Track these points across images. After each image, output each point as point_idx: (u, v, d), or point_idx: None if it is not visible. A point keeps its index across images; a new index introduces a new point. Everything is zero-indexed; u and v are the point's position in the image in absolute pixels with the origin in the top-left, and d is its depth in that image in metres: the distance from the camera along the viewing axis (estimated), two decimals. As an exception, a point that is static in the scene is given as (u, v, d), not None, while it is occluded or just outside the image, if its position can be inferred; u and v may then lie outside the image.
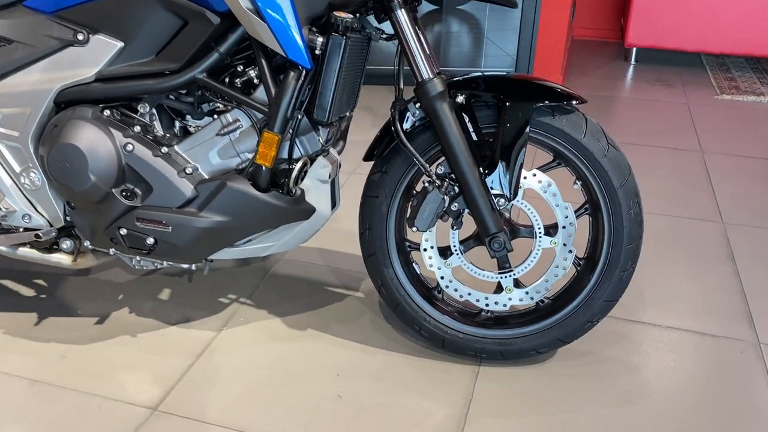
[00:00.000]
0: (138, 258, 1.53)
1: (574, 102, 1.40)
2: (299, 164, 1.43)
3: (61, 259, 1.58)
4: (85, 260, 1.59)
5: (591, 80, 4.04)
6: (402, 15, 1.36)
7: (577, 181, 1.48)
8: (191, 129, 1.51)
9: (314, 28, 1.36)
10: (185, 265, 1.54)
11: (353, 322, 1.76)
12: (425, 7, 4.50)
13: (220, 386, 1.53)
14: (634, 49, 4.31)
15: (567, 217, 1.47)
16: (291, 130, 1.41)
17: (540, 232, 1.49)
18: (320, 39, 1.33)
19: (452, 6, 4.39)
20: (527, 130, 1.39)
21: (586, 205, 1.51)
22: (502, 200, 1.43)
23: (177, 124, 1.53)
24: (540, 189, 1.46)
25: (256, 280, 1.94)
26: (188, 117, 1.50)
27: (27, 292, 1.87)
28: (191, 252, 1.46)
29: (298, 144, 1.44)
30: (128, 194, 1.44)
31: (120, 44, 1.39)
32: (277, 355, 1.63)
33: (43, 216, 1.52)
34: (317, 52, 1.34)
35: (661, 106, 3.59)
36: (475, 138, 1.42)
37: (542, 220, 1.49)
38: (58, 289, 1.88)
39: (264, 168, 1.40)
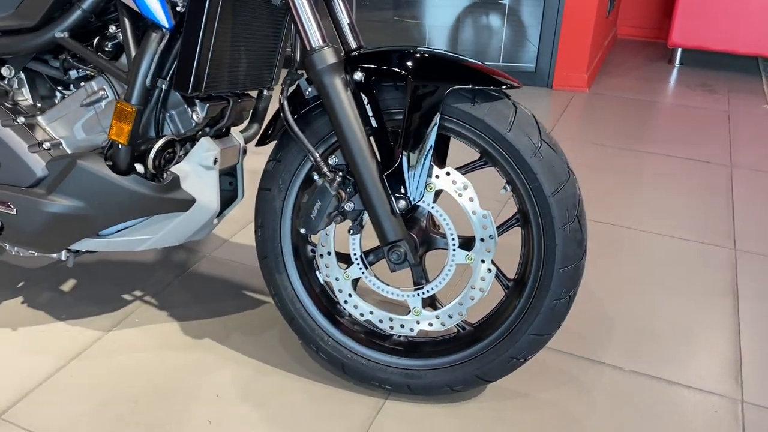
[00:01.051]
0: None
1: (502, 87, 1.12)
2: (160, 143, 1.20)
3: None
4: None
5: (626, 82, 3.66)
6: None
7: (506, 185, 1.20)
8: (63, 93, 1.31)
9: (180, -20, 1.13)
10: (52, 255, 1.34)
11: (259, 334, 1.52)
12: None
13: (80, 396, 1.32)
14: (679, 50, 3.91)
15: (486, 228, 1.19)
16: (157, 104, 1.19)
17: (454, 245, 1.21)
18: None
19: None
20: (436, 117, 1.12)
21: (517, 216, 1.22)
22: (403, 202, 1.16)
23: (56, 95, 1.34)
24: (454, 191, 1.18)
25: (170, 276, 1.73)
26: (61, 85, 1.31)
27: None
28: (43, 240, 1.26)
29: (168, 121, 1.22)
30: (-24, 168, 1.25)
31: (-24, -3, 1.21)
32: (159, 365, 1.41)
33: None
34: (180, 9, 1.12)
35: (699, 113, 3.20)
36: (375, 124, 1.16)
37: (457, 231, 1.22)
38: (-42, 270, 1.73)
39: (121, 146, 1.18)
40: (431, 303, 1.30)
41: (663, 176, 2.47)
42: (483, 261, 1.20)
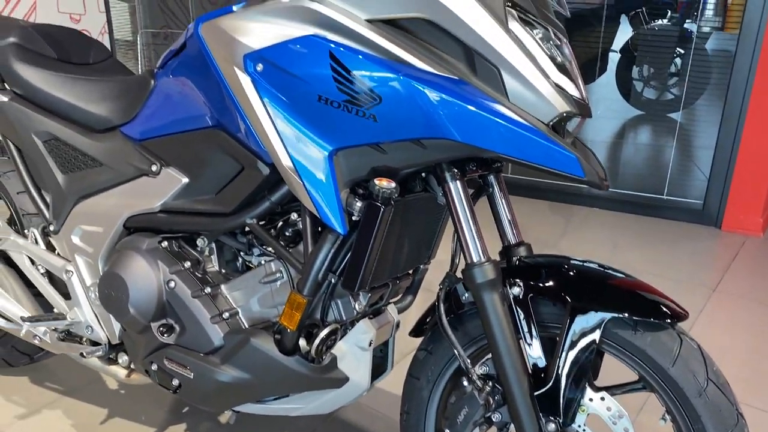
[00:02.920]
0: (175, 390, 1.50)
1: (667, 320, 1.09)
2: (326, 331, 1.29)
3: (117, 371, 1.60)
4: (139, 377, 1.59)
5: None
6: (455, 188, 1.18)
7: (665, 415, 1.14)
8: (251, 266, 1.46)
9: (359, 190, 1.23)
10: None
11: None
12: (603, 118, 4.15)
13: None
14: None
15: (640, 462, 1.13)
16: (325, 294, 1.28)
17: (604, 472, 1.16)
18: (358, 204, 1.20)
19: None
20: (594, 343, 1.11)
21: (677, 449, 1.15)
22: (552, 425, 1.14)
23: (239, 260, 1.49)
24: (608, 418, 1.14)
25: (316, 422, 1.81)
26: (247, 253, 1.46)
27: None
28: (212, 401, 1.38)
29: (332, 308, 1.31)
30: (165, 330, 1.41)
31: (186, 180, 1.40)
32: None
33: (103, 330, 1.56)
34: (355, 218, 1.21)
35: None
36: (530, 339, 1.17)
37: (609, 457, 1.17)
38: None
39: (289, 330, 1.29)
40: None
41: None
42: (635, 495, 1.14)
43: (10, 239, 1.66)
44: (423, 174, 1.26)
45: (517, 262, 1.23)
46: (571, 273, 1.16)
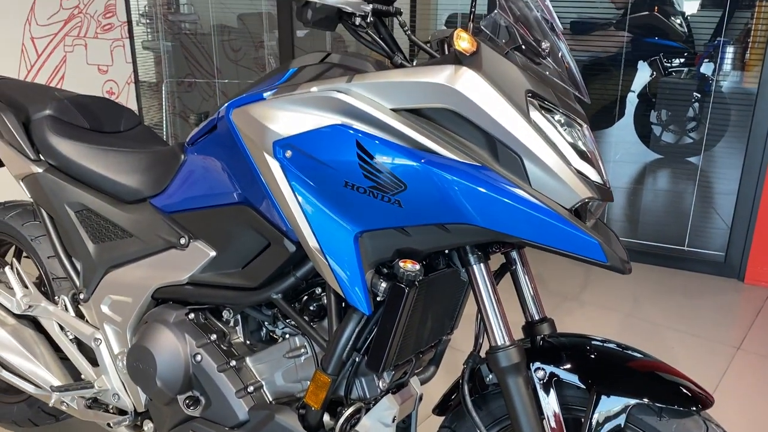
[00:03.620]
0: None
1: (692, 407, 1.08)
2: (350, 410, 1.30)
3: (143, 439, 1.61)
4: (163, 446, 1.61)
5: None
6: (478, 270, 1.20)
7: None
8: (275, 336, 1.48)
9: (384, 270, 1.25)
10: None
11: None
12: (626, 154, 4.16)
13: None
14: None
15: None
16: (349, 372, 1.30)
17: None
18: (383, 285, 1.22)
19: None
20: (620, 428, 1.11)
21: None
22: None
23: (263, 330, 1.51)
24: (634, 502, 1.14)
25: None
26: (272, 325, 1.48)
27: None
28: (236, 476, 1.39)
29: (356, 385, 1.32)
30: (191, 402, 1.43)
31: (213, 253, 1.43)
32: None
33: (130, 398, 1.58)
34: (379, 298, 1.23)
35: None
36: (554, 423, 1.17)
37: None
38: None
39: (313, 408, 1.30)
40: None
41: None
42: None
43: (41, 305, 1.70)
44: (446, 250, 1.28)
45: (541, 342, 1.24)
46: (594, 355, 1.16)
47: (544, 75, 1.15)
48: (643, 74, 3.93)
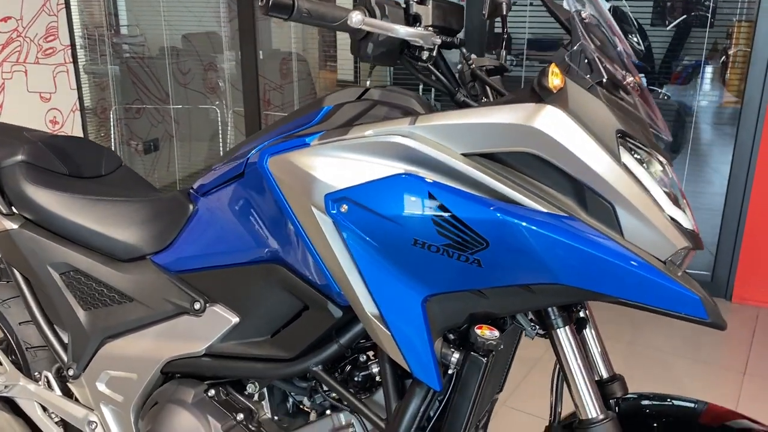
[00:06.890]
0: None
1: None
2: None
3: None
4: None
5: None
6: (564, 336, 1.05)
7: None
8: (304, 408, 1.29)
9: (451, 336, 1.10)
10: None
11: None
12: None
13: None
14: None
15: None
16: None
17: None
18: (455, 356, 1.06)
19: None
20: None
21: None
22: None
23: (289, 401, 1.32)
24: None
25: None
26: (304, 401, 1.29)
27: None
28: None
29: (421, 468, 1.15)
30: (218, 494, 1.23)
31: (236, 319, 1.24)
32: None
33: (134, 489, 1.36)
34: (450, 371, 1.07)
35: None
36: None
37: None
38: None
39: (373, 500, 1.12)
40: None
41: None
42: None
43: (19, 385, 1.45)
44: None
45: (618, 407, 1.11)
46: (675, 419, 1.06)
47: (629, 111, 1.03)
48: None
